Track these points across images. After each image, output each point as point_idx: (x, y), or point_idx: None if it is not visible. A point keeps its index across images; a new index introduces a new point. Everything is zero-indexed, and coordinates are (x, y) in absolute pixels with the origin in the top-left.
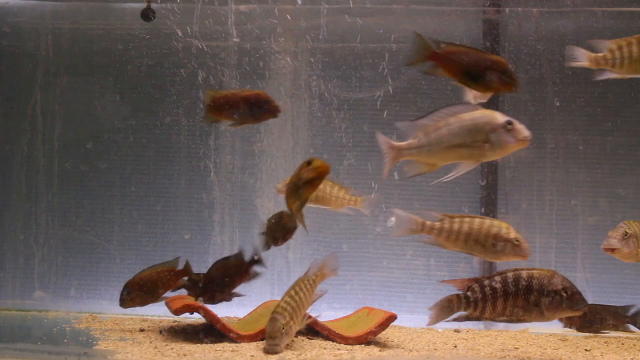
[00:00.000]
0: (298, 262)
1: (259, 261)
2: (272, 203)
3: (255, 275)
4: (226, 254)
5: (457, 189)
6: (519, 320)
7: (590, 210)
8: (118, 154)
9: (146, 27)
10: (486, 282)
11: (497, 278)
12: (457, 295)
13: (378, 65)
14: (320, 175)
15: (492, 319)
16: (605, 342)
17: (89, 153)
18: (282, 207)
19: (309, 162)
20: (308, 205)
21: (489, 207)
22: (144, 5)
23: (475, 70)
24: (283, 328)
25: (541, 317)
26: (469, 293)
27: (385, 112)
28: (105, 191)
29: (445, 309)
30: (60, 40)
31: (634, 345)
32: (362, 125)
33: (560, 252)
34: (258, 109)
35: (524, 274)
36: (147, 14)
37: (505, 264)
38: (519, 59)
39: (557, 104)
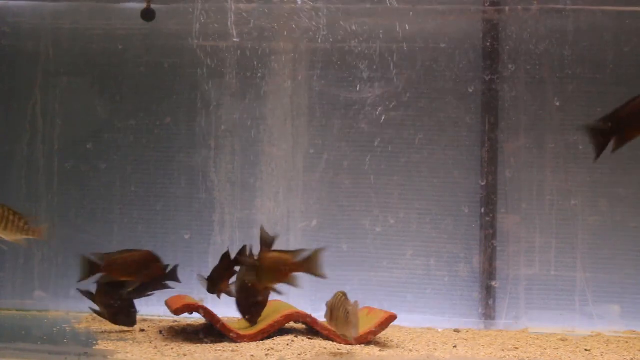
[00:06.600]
0: None
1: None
2: (272, 203)
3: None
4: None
5: (457, 189)
6: None
7: (590, 210)
8: (118, 154)
9: (146, 27)
10: None
11: None
12: None
13: (378, 65)
14: None
15: None
16: (606, 342)
17: (89, 153)
18: (282, 207)
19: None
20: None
21: (489, 207)
22: (144, 5)
23: None
24: None
25: None
26: None
27: (385, 113)
28: (105, 191)
29: None
30: (60, 40)
31: (634, 345)
32: (362, 126)
33: (560, 252)
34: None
35: None
36: (147, 14)
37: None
38: (518, 59)
39: (557, 104)
